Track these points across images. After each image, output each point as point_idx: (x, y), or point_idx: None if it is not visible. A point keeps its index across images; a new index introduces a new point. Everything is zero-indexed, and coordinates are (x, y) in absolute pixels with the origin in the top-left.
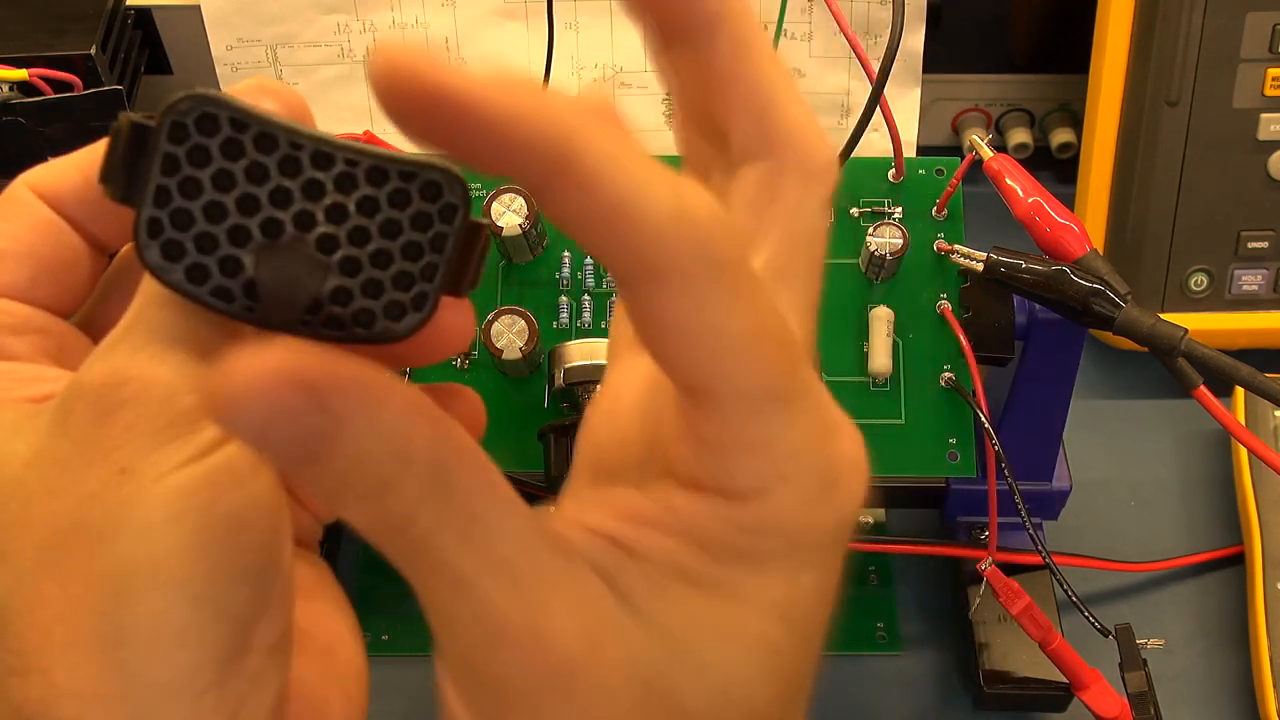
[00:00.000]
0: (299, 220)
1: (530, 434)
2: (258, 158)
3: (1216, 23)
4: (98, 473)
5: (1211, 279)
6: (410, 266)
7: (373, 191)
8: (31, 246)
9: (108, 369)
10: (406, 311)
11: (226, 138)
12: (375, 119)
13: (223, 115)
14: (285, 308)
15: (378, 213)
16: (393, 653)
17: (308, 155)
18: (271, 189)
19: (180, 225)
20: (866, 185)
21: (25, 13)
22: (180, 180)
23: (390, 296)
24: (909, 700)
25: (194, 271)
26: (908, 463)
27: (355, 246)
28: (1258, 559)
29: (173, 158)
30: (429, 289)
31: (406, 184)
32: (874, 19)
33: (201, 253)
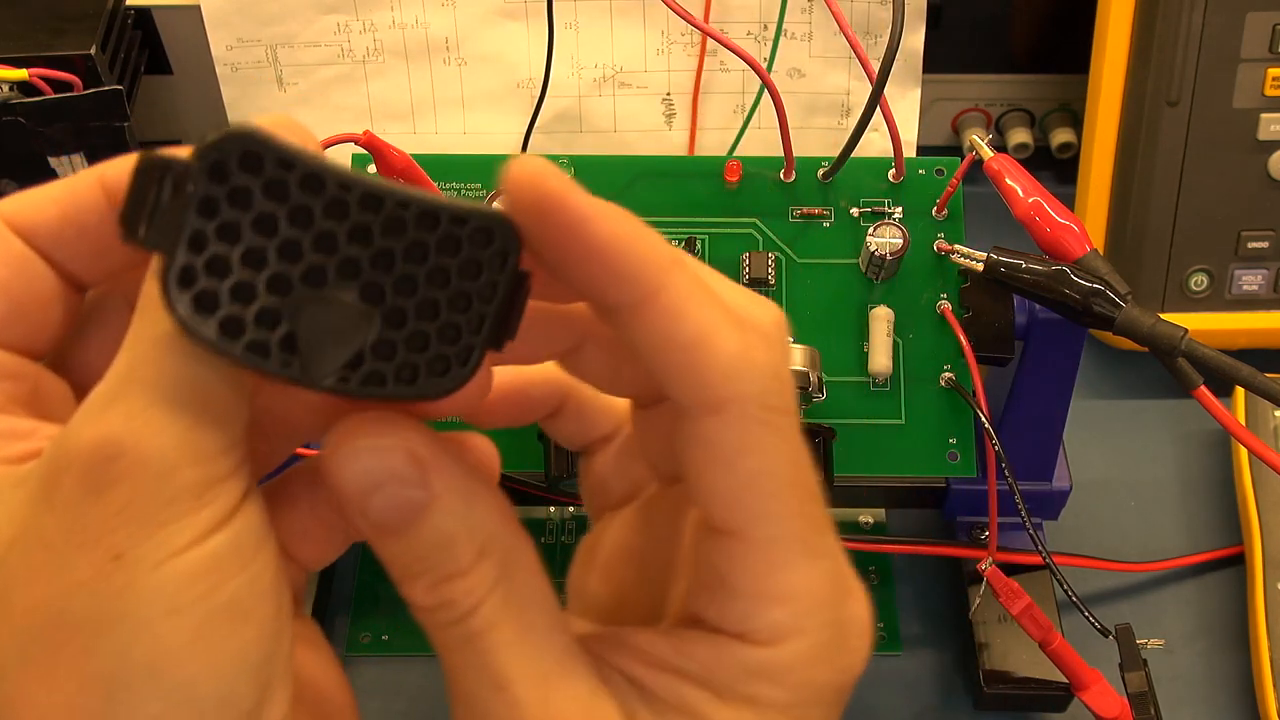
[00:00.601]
0: (343, 268)
1: (530, 434)
2: (303, 200)
3: (1216, 23)
4: (88, 558)
5: (1211, 279)
6: (458, 318)
7: (422, 236)
8: (3, 283)
9: (99, 436)
10: (451, 367)
11: (271, 178)
12: (375, 119)
13: (268, 154)
14: (326, 362)
15: (426, 260)
16: (393, 653)
17: (357, 198)
18: (316, 234)
19: (216, 273)
20: (866, 185)
21: (25, 13)
22: (218, 224)
23: (436, 350)
24: (909, 700)
25: (228, 324)
26: (908, 463)
27: (402, 296)
28: (1258, 559)
29: (211, 199)
30: (475, 342)
31: (458, 229)
32: (874, 19)
33: (237, 304)
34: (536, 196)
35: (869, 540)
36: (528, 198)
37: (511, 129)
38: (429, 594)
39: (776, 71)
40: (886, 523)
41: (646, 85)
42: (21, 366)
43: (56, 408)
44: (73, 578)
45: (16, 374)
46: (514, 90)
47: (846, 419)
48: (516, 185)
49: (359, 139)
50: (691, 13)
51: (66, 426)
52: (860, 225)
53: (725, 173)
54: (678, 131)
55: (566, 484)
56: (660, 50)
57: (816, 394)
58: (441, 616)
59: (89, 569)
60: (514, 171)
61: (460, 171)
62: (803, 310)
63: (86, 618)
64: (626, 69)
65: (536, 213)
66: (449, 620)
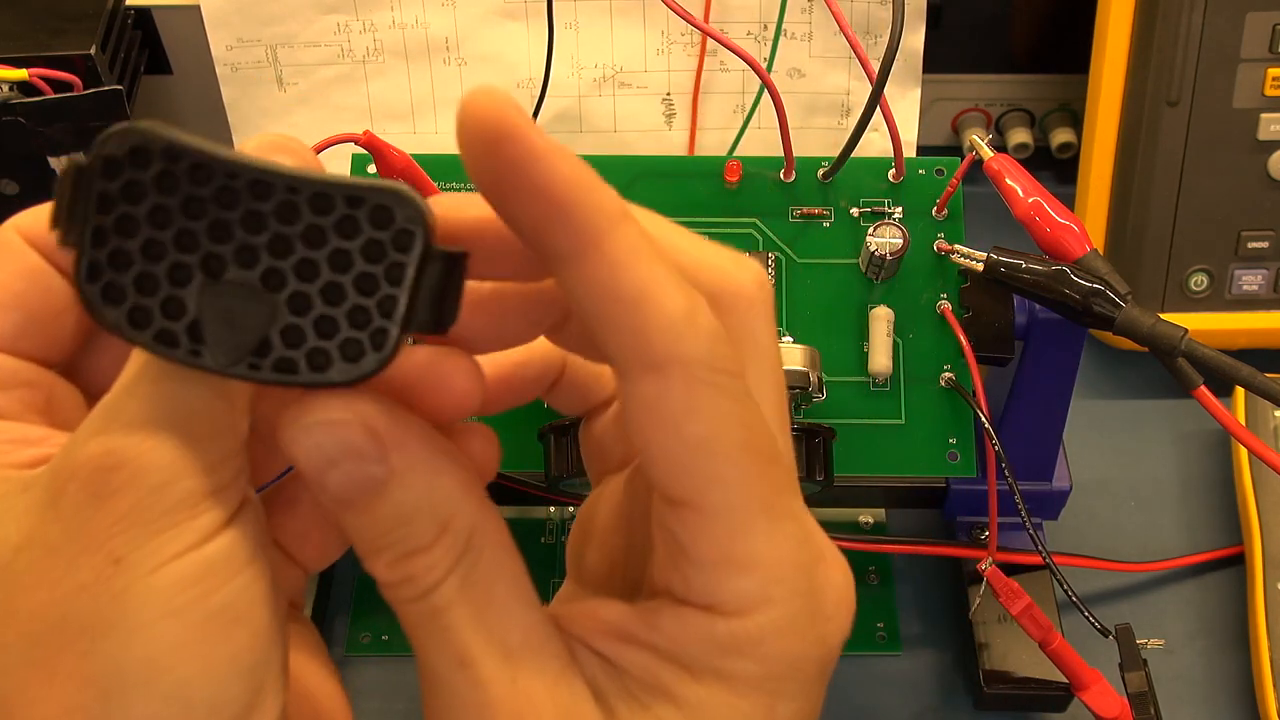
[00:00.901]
0: (240, 255)
1: (530, 434)
2: (193, 190)
3: (1216, 23)
4: (90, 562)
5: (1211, 279)
6: (366, 301)
7: (318, 220)
8: (19, 295)
9: (102, 448)
10: (365, 351)
11: (159, 170)
12: (375, 119)
13: (155, 147)
14: (232, 349)
15: (325, 244)
16: (393, 653)
17: (245, 185)
18: (209, 223)
19: (119, 266)
20: (866, 185)
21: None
22: (116, 218)
23: (346, 335)
24: (909, 700)
25: (136, 315)
26: (908, 463)
27: (303, 281)
28: (1258, 559)
29: (107, 195)
30: (389, 325)
31: (354, 210)
32: (874, 19)
33: (142, 295)
34: (491, 125)
35: (869, 540)
36: (482, 125)
37: None
38: (390, 569)
39: (776, 71)
40: (886, 523)
41: (646, 85)
42: (36, 375)
43: (69, 415)
44: (75, 581)
45: (31, 382)
46: (514, 90)
47: (846, 419)
48: (473, 112)
49: (359, 139)
50: (691, 13)
51: (73, 437)
52: (860, 225)
53: (725, 173)
54: (678, 131)
55: (566, 484)
56: (660, 50)
57: (816, 394)
58: (404, 592)
59: (90, 573)
60: (473, 97)
61: (460, 172)
62: (803, 310)
63: (87, 620)
64: (626, 69)
65: (489, 142)
66: (411, 596)
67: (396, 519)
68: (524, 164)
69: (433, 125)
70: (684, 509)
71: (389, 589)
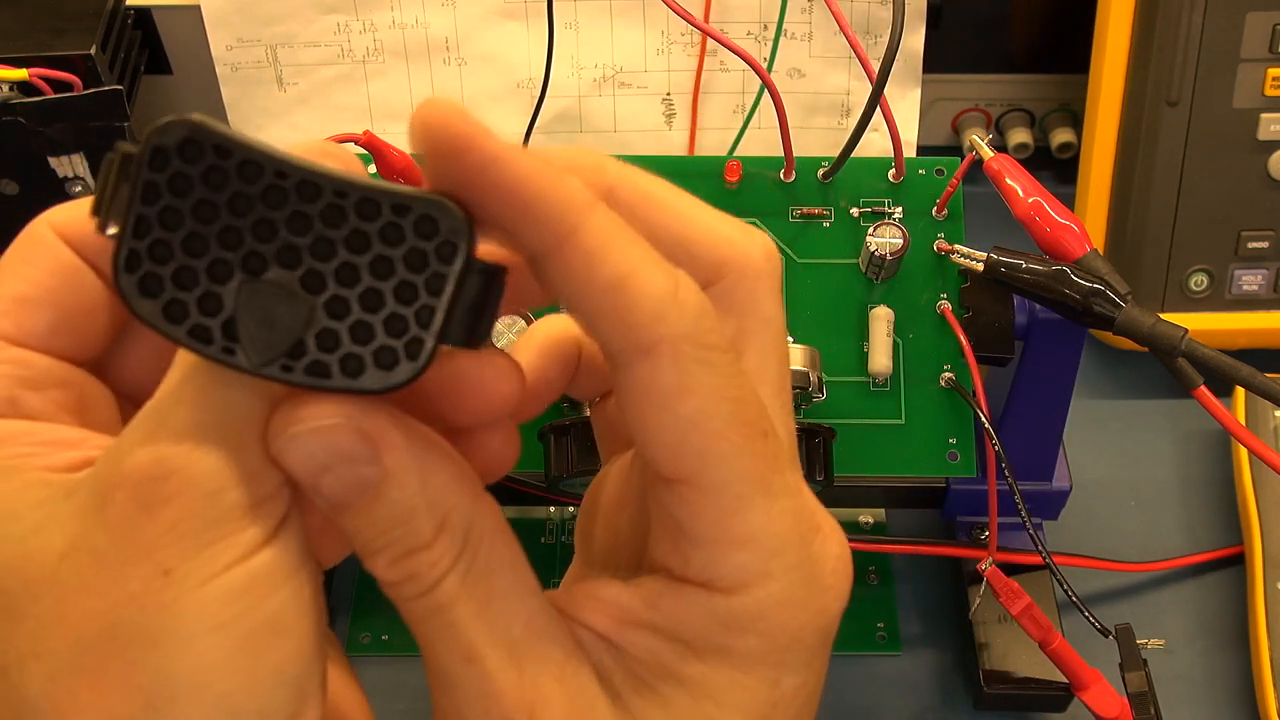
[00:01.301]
0: (282, 255)
1: (530, 434)
2: (241, 187)
3: (1216, 23)
4: (139, 572)
5: (1211, 279)
6: (404, 310)
7: (363, 226)
8: (52, 292)
9: (151, 456)
10: (399, 360)
11: (209, 165)
12: (375, 119)
13: (206, 142)
14: (266, 349)
15: (368, 249)
16: (393, 653)
17: (294, 185)
18: (254, 221)
19: (159, 259)
20: (866, 185)
21: (25, 13)
22: (160, 210)
23: (381, 342)
24: (909, 700)
25: (172, 309)
26: (908, 463)
27: (343, 286)
28: (1258, 559)
29: (153, 185)
30: (425, 335)
31: (399, 218)
32: (874, 19)
33: (180, 289)
34: (445, 137)
35: (869, 540)
36: (435, 140)
37: (511, 129)
38: (391, 569)
39: (776, 71)
40: (886, 523)
41: (646, 85)
42: (69, 374)
43: (102, 415)
44: (124, 591)
45: (64, 381)
46: (514, 90)
47: (846, 419)
48: (424, 126)
49: (359, 139)
50: (691, 13)
51: (117, 443)
52: (860, 225)
53: (725, 173)
54: (678, 131)
55: (566, 484)
56: (660, 50)
57: (816, 394)
58: (406, 590)
59: (139, 583)
60: (421, 113)
61: None
62: (803, 310)
63: (135, 630)
64: (626, 69)
65: (445, 155)
66: (414, 594)
67: (393, 518)
68: (483, 171)
69: None
70: (680, 487)
71: (391, 588)
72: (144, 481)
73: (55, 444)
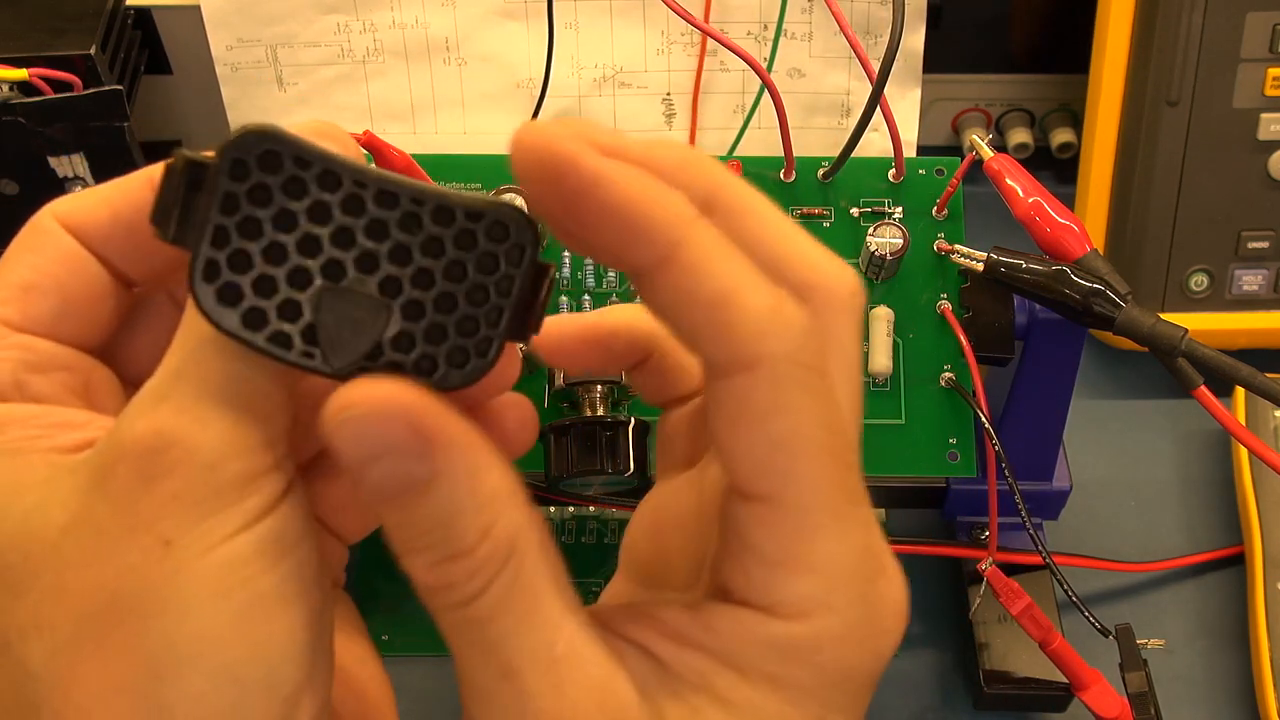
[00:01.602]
0: (361, 262)
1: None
2: (321, 196)
3: (1216, 23)
4: (140, 542)
5: (1211, 279)
6: (475, 311)
7: (438, 232)
8: (57, 280)
9: (151, 429)
10: (470, 358)
11: (290, 176)
12: (375, 119)
13: (286, 152)
14: (346, 353)
15: (443, 255)
16: (393, 653)
17: (372, 194)
18: (334, 229)
19: (238, 268)
20: (866, 185)
21: (25, 13)
22: (240, 220)
23: (454, 342)
24: (909, 700)
25: (251, 316)
26: (908, 463)
27: (419, 290)
28: (1258, 559)
29: (232, 196)
30: (494, 334)
31: (473, 224)
32: (874, 19)
33: (259, 297)
34: (545, 164)
35: None
36: (536, 165)
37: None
38: (429, 573)
39: (776, 71)
40: (886, 523)
41: (646, 85)
42: (74, 359)
43: (107, 399)
44: (125, 561)
45: (70, 366)
46: (514, 90)
47: None
48: (524, 154)
49: (359, 139)
50: (691, 13)
51: (119, 419)
52: (860, 225)
53: None
54: (678, 131)
55: (566, 484)
56: (660, 50)
57: None
58: (445, 598)
59: (140, 554)
60: (521, 139)
61: (460, 171)
62: None
63: (137, 600)
64: (626, 69)
65: (546, 181)
66: (452, 603)
67: (437, 521)
68: (586, 194)
69: (433, 125)
70: (756, 504)
71: (427, 592)
72: (145, 453)
73: (60, 426)
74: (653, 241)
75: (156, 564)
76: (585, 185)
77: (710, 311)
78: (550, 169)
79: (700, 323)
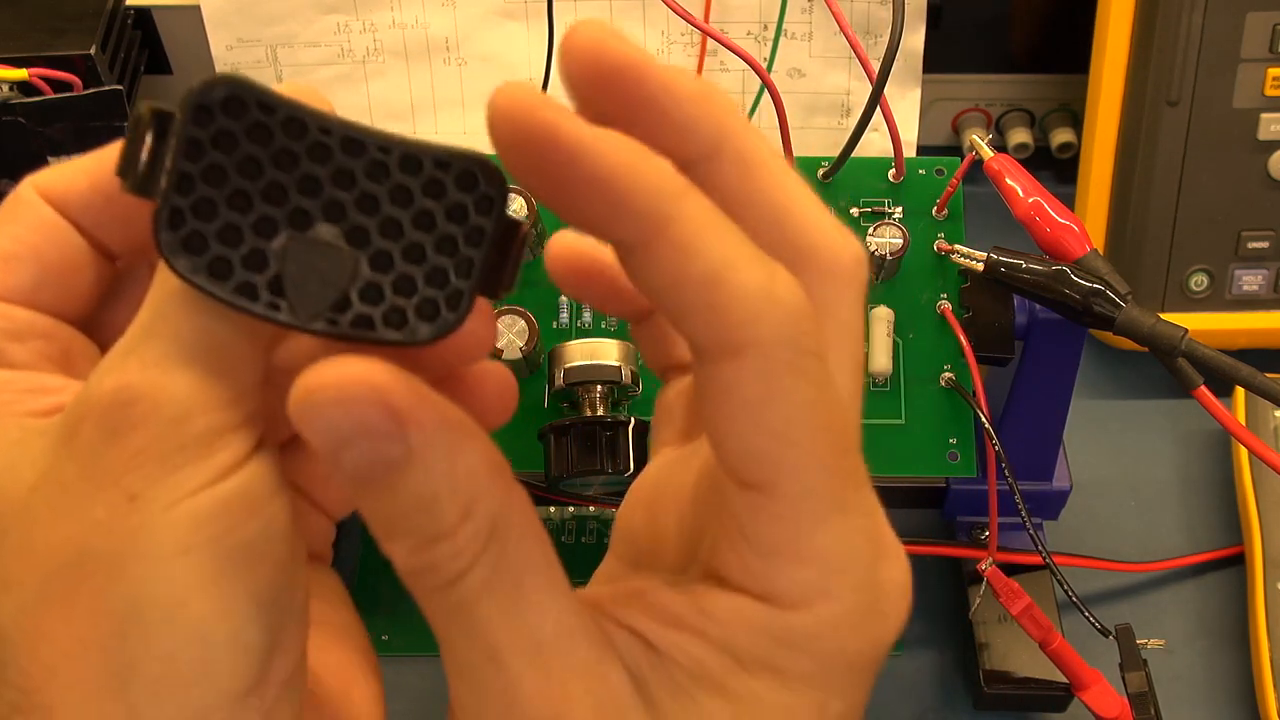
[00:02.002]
0: (328, 211)
1: (530, 434)
2: (286, 143)
3: (1216, 23)
4: (106, 498)
5: (1211, 279)
6: (445, 262)
7: (406, 180)
8: (35, 249)
9: (117, 384)
10: (440, 311)
11: (254, 121)
12: (375, 119)
13: (250, 98)
14: (313, 304)
15: (411, 204)
16: (393, 653)
17: (338, 141)
18: (300, 177)
19: (203, 216)
20: (866, 185)
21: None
22: (204, 167)
23: (423, 294)
24: (909, 700)
25: (216, 266)
26: (908, 463)
27: (387, 240)
28: (1258, 559)
29: (196, 142)
30: (464, 286)
31: (442, 173)
32: (874, 19)
33: (225, 246)
34: (523, 128)
35: None
36: (513, 130)
37: None
38: (411, 556)
39: (776, 71)
40: None
41: None
42: (53, 328)
43: (87, 368)
44: (90, 517)
45: (48, 334)
46: None
47: None
48: (501, 116)
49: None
50: (691, 13)
51: (89, 377)
52: (860, 225)
53: None
54: None
55: (566, 484)
56: (660, 50)
57: None
58: (427, 581)
59: (105, 509)
60: (497, 101)
61: None
62: None
63: (103, 556)
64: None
65: (525, 147)
66: (435, 585)
67: (416, 502)
68: (567, 165)
69: (432, 125)
70: (753, 494)
71: (409, 576)
72: (110, 408)
73: (34, 390)
74: (639, 216)
75: (121, 519)
76: (565, 157)
77: (699, 292)
78: (527, 138)
79: (688, 304)
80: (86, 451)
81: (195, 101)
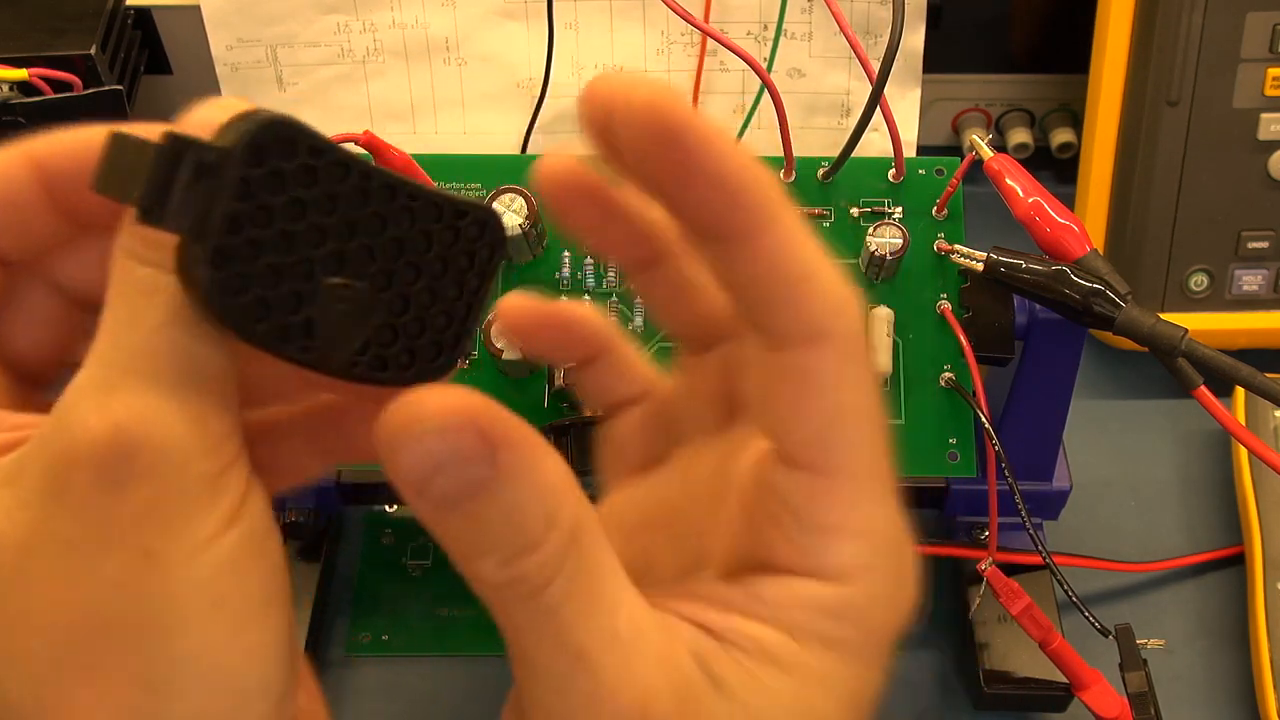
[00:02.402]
0: (359, 255)
1: None
2: (331, 187)
3: (1216, 23)
4: (118, 558)
5: (1211, 279)
6: (447, 306)
7: (428, 227)
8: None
9: (109, 428)
10: (442, 352)
11: (302, 164)
12: (374, 119)
13: (302, 140)
14: (343, 346)
15: (429, 249)
16: (393, 653)
17: (376, 187)
18: (340, 220)
19: (247, 257)
20: (866, 185)
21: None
22: (253, 207)
23: (429, 336)
24: (909, 700)
25: (255, 309)
26: (908, 463)
27: (405, 284)
28: (1258, 559)
29: (248, 182)
30: (462, 329)
31: (459, 222)
32: (874, 19)
33: (266, 288)
34: (660, 119)
35: None
36: (650, 119)
37: (511, 129)
38: (499, 571)
39: (776, 71)
40: None
41: None
42: None
43: None
44: (103, 578)
45: None
46: (514, 90)
47: None
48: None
49: (359, 139)
50: (691, 13)
51: (59, 418)
52: (860, 225)
53: None
54: None
55: None
56: (660, 50)
57: None
58: (514, 592)
59: (119, 569)
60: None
61: (460, 171)
62: None
63: (123, 617)
64: (627, 69)
65: (661, 138)
66: (520, 596)
67: (503, 518)
68: (698, 155)
69: (432, 125)
70: (807, 474)
71: (495, 590)
72: (108, 458)
73: None
74: (751, 209)
75: (140, 578)
76: (698, 148)
77: (794, 284)
78: (660, 128)
79: (781, 294)
80: (86, 506)
81: (250, 141)
